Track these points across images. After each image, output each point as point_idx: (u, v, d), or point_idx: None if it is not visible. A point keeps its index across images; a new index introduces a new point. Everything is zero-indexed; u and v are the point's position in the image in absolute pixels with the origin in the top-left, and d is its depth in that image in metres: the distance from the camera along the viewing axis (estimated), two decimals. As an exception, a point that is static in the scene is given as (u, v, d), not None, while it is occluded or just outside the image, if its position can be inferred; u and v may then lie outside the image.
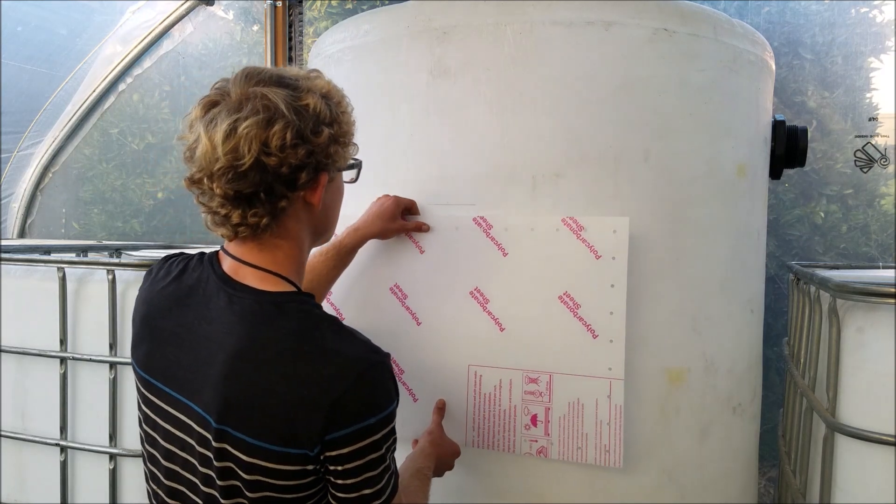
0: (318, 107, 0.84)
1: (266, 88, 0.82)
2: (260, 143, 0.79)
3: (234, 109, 0.80)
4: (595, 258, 1.24)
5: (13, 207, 3.34)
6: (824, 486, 1.22)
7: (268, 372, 0.79)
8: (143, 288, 0.97)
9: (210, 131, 0.80)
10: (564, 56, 1.28)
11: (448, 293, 1.31)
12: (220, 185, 0.80)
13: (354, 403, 0.79)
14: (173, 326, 0.89)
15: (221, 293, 0.86)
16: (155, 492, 0.93)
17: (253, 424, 0.79)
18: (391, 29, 1.40)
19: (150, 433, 0.91)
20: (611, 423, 1.24)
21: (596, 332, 1.24)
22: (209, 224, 0.87)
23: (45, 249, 2.10)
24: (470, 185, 1.33)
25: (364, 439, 0.80)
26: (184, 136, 0.85)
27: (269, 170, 0.80)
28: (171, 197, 3.11)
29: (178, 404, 0.86)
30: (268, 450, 0.79)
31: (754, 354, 1.56)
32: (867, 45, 2.18)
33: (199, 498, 0.86)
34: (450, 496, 1.37)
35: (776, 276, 2.22)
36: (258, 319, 0.82)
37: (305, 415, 0.78)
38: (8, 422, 1.74)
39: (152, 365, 0.90)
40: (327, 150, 0.85)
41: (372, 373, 0.81)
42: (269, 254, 0.88)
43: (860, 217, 2.20)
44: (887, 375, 1.12)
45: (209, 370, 0.82)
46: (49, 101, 3.08)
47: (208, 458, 0.83)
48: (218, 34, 2.99)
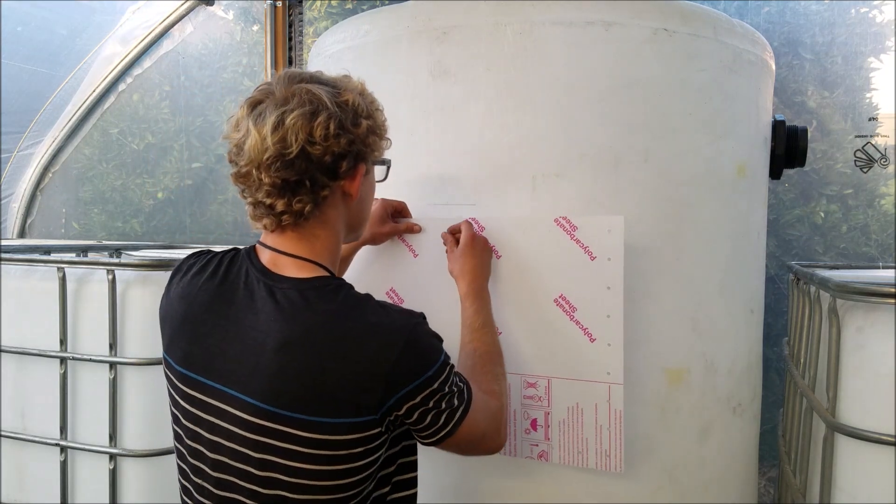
0: (356, 101, 0.91)
1: (309, 85, 0.88)
2: (306, 133, 0.85)
3: (281, 103, 0.86)
4: (590, 259, 1.21)
5: (13, 207, 3.34)
6: (824, 486, 1.22)
7: (319, 354, 0.84)
8: (176, 285, 0.99)
9: (259, 124, 0.86)
10: (564, 56, 1.28)
11: (443, 297, 1.28)
12: (268, 174, 0.86)
13: (409, 364, 0.86)
14: (216, 319, 0.92)
15: (262, 284, 0.91)
16: (200, 486, 0.94)
17: (310, 404, 0.84)
18: (391, 29, 1.40)
19: (192, 428, 0.93)
20: (611, 428, 1.21)
21: (593, 336, 1.21)
22: (251, 216, 0.93)
23: (45, 249, 2.10)
24: (470, 184, 1.33)
25: (426, 389, 0.87)
26: (229, 136, 0.91)
27: (313, 159, 0.86)
28: (171, 197, 3.11)
29: (223, 395, 0.89)
30: (333, 423, 0.84)
31: (754, 354, 1.56)
32: (867, 45, 2.18)
33: (253, 484, 0.88)
34: (449, 497, 1.37)
35: (776, 276, 2.22)
36: (300, 306, 0.87)
37: (365, 387, 0.84)
38: (8, 422, 1.74)
39: (193, 359, 0.93)
40: (366, 140, 0.92)
41: (415, 334, 0.87)
42: (307, 243, 0.93)
43: (860, 217, 2.20)
44: (887, 375, 1.12)
45: (259, 359, 0.86)
46: (49, 101, 3.07)
47: (263, 443, 0.86)
48: (218, 34, 2.99)
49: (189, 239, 3.07)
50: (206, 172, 3.04)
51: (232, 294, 0.92)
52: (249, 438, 0.86)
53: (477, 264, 1.20)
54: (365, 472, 0.88)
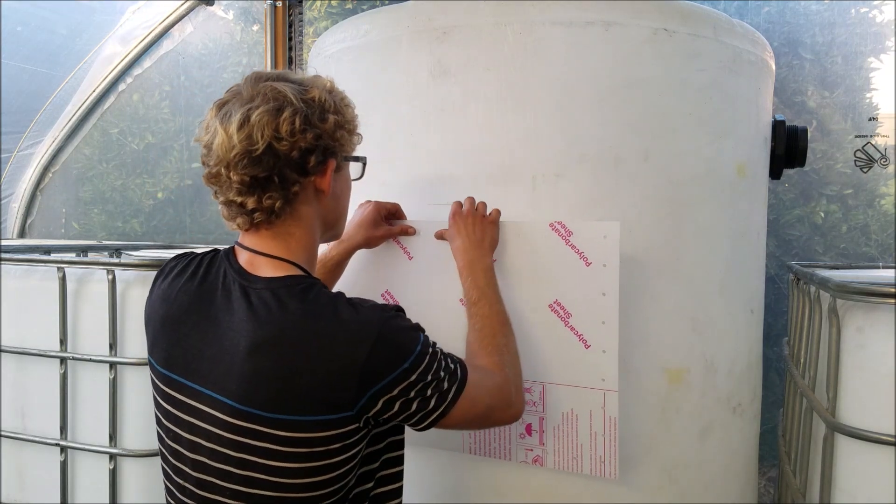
0: (323, 97, 0.91)
1: (275, 83, 0.89)
2: (272, 129, 0.86)
3: (247, 101, 0.87)
4: (585, 265, 1.19)
5: (13, 207, 3.34)
6: (824, 486, 1.22)
7: (291, 354, 0.84)
8: (158, 287, 1.00)
9: (225, 123, 0.87)
10: (564, 56, 1.28)
11: (439, 300, 1.27)
12: (236, 172, 0.87)
13: (382, 360, 0.85)
14: (196, 320, 0.92)
15: (237, 285, 0.91)
16: (182, 486, 0.94)
17: (285, 403, 0.84)
18: (391, 29, 1.40)
19: (173, 429, 0.94)
20: (605, 435, 1.20)
21: (588, 343, 1.20)
22: (225, 217, 0.94)
23: (45, 249, 2.09)
24: (470, 185, 1.32)
25: (403, 382, 0.86)
26: (200, 138, 0.92)
27: (280, 155, 0.87)
28: (171, 197, 3.11)
29: (201, 396, 0.90)
30: (308, 422, 0.84)
31: (754, 354, 1.56)
32: (867, 45, 2.18)
33: (234, 484, 0.88)
34: (449, 497, 1.37)
35: (776, 276, 2.22)
36: (272, 306, 0.87)
37: (339, 384, 0.84)
38: (8, 422, 1.74)
39: (173, 361, 0.94)
40: (334, 134, 0.92)
41: (388, 326, 0.87)
42: (282, 242, 0.94)
43: (860, 217, 2.20)
44: (887, 375, 1.12)
45: (234, 358, 0.86)
46: (49, 101, 3.07)
47: (241, 442, 0.86)
48: (218, 34, 2.99)
49: (189, 239, 3.07)
50: (206, 172, 3.03)
51: (211, 295, 0.93)
52: (228, 438, 0.87)
53: (464, 238, 1.17)
54: (344, 468, 0.89)
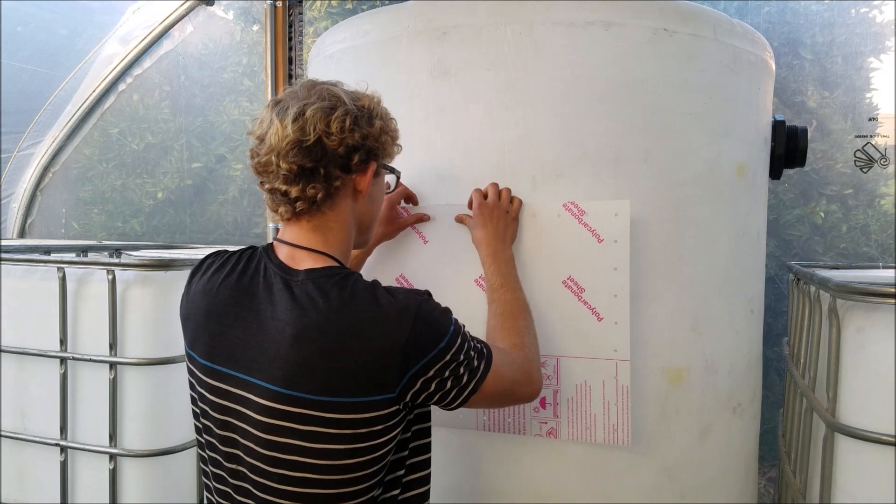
0: (371, 105, 1.00)
1: (330, 86, 0.98)
2: (324, 124, 0.93)
3: (302, 99, 0.95)
4: (598, 242, 1.26)
5: (13, 207, 3.34)
6: (824, 486, 1.22)
7: (335, 340, 0.89)
8: (196, 283, 1.04)
9: (281, 115, 0.94)
10: (564, 56, 1.28)
11: (454, 282, 1.32)
12: (286, 160, 0.93)
13: (421, 339, 0.91)
14: (238, 311, 0.97)
15: (278, 278, 0.97)
16: (234, 471, 0.98)
17: (330, 386, 0.89)
18: (391, 29, 1.40)
19: (222, 418, 0.98)
20: (618, 403, 1.26)
21: (601, 315, 1.26)
22: (269, 206, 1.00)
23: (45, 249, 2.10)
24: (470, 185, 1.32)
25: (439, 362, 0.93)
26: (252, 132, 0.99)
27: (328, 149, 0.94)
28: (171, 197, 3.11)
29: (246, 384, 0.94)
30: (353, 403, 0.89)
31: (754, 354, 1.56)
32: (867, 45, 2.18)
33: (281, 468, 0.92)
34: (450, 496, 1.37)
35: (776, 276, 2.22)
36: (315, 295, 0.92)
37: (382, 365, 0.89)
38: (8, 422, 1.74)
39: (217, 352, 0.98)
40: (379, 138, 1.00)
41: (424, 310, 0.93)
42: (321, 235, 1.00)
43: (860, 217, 2.20)
44: (887, 375, 1.12)
45: (280, 347, 0.91)
46: (49, 101, 3.07)
47: (286, 427, 0.90)
48: (218, 34, 2.99)
49: (189, 239, 3.06)
50: (206, 172, 3.03)
51: (252, 288, 0.98)
52: (273, 424, 0.91)
53: (489, 230, 1.24)
54: (383, 450, 0.94)
